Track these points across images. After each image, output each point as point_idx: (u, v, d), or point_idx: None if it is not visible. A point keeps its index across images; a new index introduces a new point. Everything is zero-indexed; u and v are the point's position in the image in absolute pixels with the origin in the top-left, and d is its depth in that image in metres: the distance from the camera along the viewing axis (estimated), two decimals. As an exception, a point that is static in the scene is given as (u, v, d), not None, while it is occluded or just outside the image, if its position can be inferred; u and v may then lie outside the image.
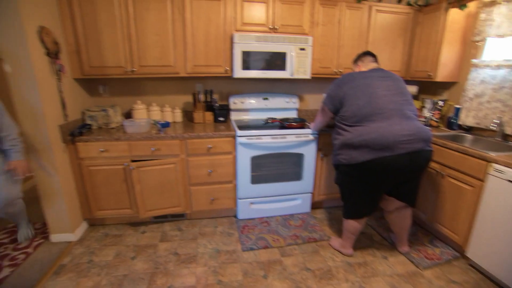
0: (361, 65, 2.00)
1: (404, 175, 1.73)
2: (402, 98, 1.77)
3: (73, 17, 2.11)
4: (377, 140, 1.64)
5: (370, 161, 1.67)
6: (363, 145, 1.68)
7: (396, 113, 1.70)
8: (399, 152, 1.64)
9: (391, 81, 1.82)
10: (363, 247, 2.19)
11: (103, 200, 2.27)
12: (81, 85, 2.41)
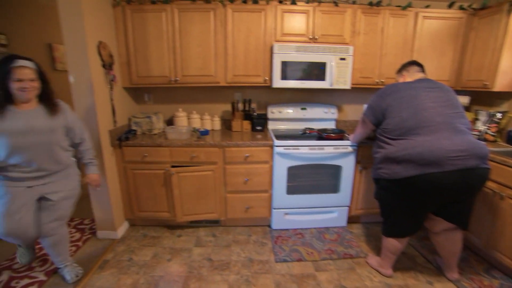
0: (406, 75, 1.89)
1: (454, 194, 1.59)
2: (452, 110, 1.64)
3: (126, 31, 2.30)
4: (423, 154, 1.53)
5: (414, 177, 1.56)
6: (407, 160, 1.57)
7: (445, 127, 1.57)
8: (449, 168, 1.50)
9: (440, 92, 1.69)
10: (404, 268, 2.03)
11: (143, 202, 2.40)
12: (128, 93, 2.60)
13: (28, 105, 1.54)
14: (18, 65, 1.44)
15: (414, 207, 1.69)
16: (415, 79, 1.81)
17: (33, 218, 1.64)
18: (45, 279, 1.87)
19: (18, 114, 1.50)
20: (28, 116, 1.52)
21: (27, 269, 1.96)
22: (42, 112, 1.57)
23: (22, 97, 1.48)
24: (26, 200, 1.60)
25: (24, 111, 1.52)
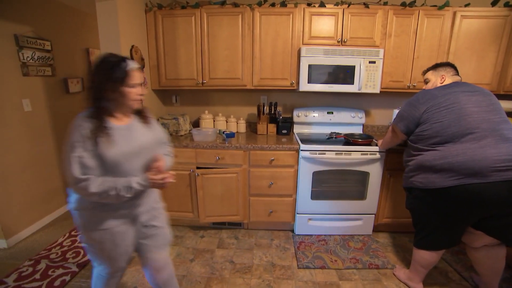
0: (445, 76, 1.75)
1: (498, 207, 1.47)
2: (497, 115, 1.52)
3: (157, 36, 2.37)
4: (466, 164, 1.43)
5: (453, 187, 1.46)
6: (446, 169, 1.48)
7: (491, 134, 1.46)
8: (494, 179, 1.39)
9: (481, 96, 1.58)
10: (436, 283, 1.92)
11: (168, 202, 2.44)
12: (157, 95, 2.68)
13: (127, 118, 1.24)
14: (133, 67, 1.15)
15: (450, 220, 1.58)
16: (451, 82, 1.70)
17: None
18: (76, 270, 1.97)
19: (123, 131, 1.18)
20: (134, 131, 1.22)
21: (62, 259, 2.08)
22: (140, 125, 1.27)
23: (134, 106, 1.21)
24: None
25: (125, 126, 1.20)
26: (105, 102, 1.15)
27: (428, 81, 1.82)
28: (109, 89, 1.12)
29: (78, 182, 1.08)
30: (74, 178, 1.07)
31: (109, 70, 1.11)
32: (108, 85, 1.11)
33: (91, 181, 1.08)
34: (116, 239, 1.24)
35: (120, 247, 1.27)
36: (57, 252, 2.18)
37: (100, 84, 1.11)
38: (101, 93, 1.12)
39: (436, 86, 1.75)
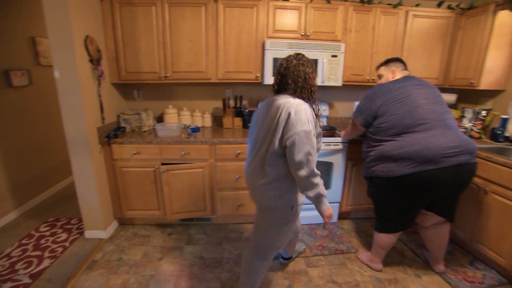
0: (396, 71, 1.88)
1: (447, 189, 1.62)
2: (441, 106, 1.68)
3: (115, 26, 2.23)
4: (421, 152, 1.55)
5: (411, 174, 1.58)
6: (404, 157, 1.59)
7: (438, 123, 1.61)
8: (444, 165, 1.54)
9: (428, 89, 1.73)
10: (393, 262, 2.07)
11: (133, 200, 2.35)
12: (117, 89, 2.54)
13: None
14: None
15: (409, 204, 1.72)
16: (402, 77, 1.82)
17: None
18: (30, 281, 1.82)
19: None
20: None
21: (11, 272, 1.90)
22: None
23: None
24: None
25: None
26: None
27: (382, 76, 1.93)
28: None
29: (316, 176, 1.29)
30: (313, 171, 1.27)
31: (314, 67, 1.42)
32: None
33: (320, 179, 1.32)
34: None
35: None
36: (4, 265, 1.97)
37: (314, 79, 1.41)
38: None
39: (388, 80, 1.86)
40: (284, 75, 1.39)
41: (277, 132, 1.30)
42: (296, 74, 1.36)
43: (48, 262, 1.99)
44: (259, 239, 1.53)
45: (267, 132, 1.35)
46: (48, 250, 2.13)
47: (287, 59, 1.41)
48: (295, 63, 1.38)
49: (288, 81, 1.37)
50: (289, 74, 1.37)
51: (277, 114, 1.31)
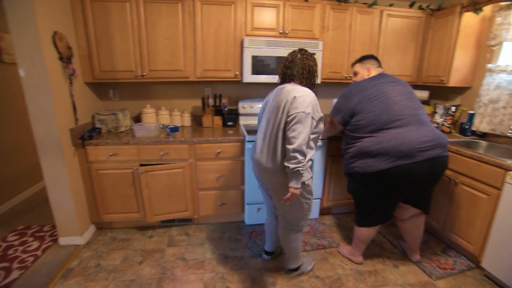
0: (371, 68, 1.92)
1: (423, 182, 1.69)
2: (414, 102, 1.74)
3: (86, 22, 2.13)
4: (398, 147, 1.61)
5: (389, 169, 1.63)
6: (382, 153, 1.64)
7: (413, 119, 1.67)
8: (419, 159, 1.60)
9: (401, 85, 1.79)
10: (373, 255, 2.14)
11: (111, 203, 2.27)
12: (91, 89, 2.43)
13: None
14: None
15: (387, 198, 1.77)
16: (376, 74, 1.87)
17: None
18: None
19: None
20: None
21: None
22: None
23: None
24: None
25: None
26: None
27: (357, 73, 1.97)
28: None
29: (300, 152, 1.41)
30: (300, 148, 1.40)
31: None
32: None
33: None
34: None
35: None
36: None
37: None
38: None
39: (364, 78, 1.91)
40: (289, 67, 1.56)
41: (284, 112, 1.47)
42: (301, 67, 1.54)
43: (17, 274, 1.87)
44: (287, 218, 1.70)
45: (275, 113, 1.52)
46: (17, 260, 2.01)
47: (292, 54, 1.59)
48: (299, 57, 1.55)
49: (294, 73, 1.54)
50: (294, 67, 1.54)
51: (285, 97, 1.49)
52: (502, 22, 2.22)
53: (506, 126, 2.19)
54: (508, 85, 2.17)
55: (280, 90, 1.56)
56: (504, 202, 1.73)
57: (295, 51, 1.59)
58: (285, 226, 1.74)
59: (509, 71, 2.16)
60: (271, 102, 1.59)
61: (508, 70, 2.17)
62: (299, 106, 1.42)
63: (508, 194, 1.71)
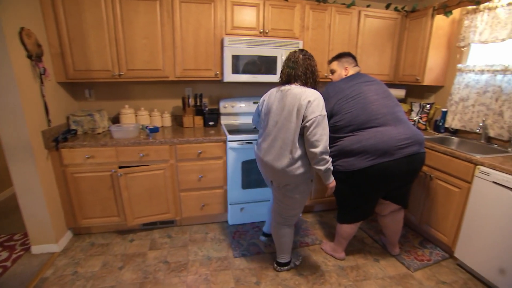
0: (348, 68, 1.94)
1: (402, 179, 1.74)
2: (391, 101, 1.79)
3: (57, 18, 2.03)
4: (377, 145, 1.64)
5: (370, 167, 1.67)
6: (362, 151, 1.68)
7: (390, 117, 1.71)
8: (398, 156, 1.65)
9: (377, 85, 1.83)
10: (355, 250, 2.19)
11: (89, 208, 2.19)
12: (65, 89, 2.33)
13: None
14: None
15: (369, 195, 1.81)
16: (353, 74, 1.90)
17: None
18: None
19: None
20: None
21: None
22: None
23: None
24: None
25: None
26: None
27: (334, 72, 1.99)
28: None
29: (328, 153, 1.57)
30: (326, 149, 1.54)
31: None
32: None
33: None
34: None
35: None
36: None
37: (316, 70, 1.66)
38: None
39: (341, 77, 1.93)
40: (293, 68, 1.61)
41: (300, 116, 1.52)
42: (305, 67, 1.60)
43: (-15, 287, 1.76)
44: (284, 213, 1.78)
45: (288, 117, 1.55)
46: (-16, 273, 1.88)
47: (294, 54, 1.64)
48: (302, 57, 1.61)
49: (298, 73, 1.60)
50: (298, 67, 1.60)
51: (297, 101, 1.53)
52: (469, 25, 2.33)
53: (475, 123, 2.30)
54: (476, 84, 2.28)
55: (286, 92, 1.59)
56: (474, 194, 1.82)
57: (296, 52, 1.64)
58: (280, 221, 1.82)
59: (476, 71, 2.28)
60: (277, 104, 1.62)
61: (475, 70, 2.29)
62: (315, 110, 1.49)
63: (477, 187, 1.80)
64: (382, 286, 1.84)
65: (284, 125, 1.57)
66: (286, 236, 1.85)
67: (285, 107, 1.57)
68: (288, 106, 1.55)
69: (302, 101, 1.51)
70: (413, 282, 1.88)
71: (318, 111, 1.49)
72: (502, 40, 2.09)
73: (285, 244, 1.88)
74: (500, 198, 1.68)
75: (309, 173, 1.65)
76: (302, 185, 1.67)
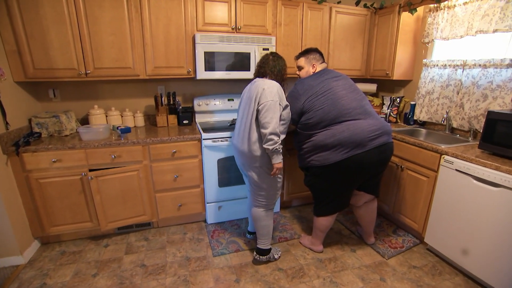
0: (316, 65, 1.95)
1: (374, 168, 1.80)
2: (358, 94, 1.84)
3: (10, 12, 1.87)
4: (350, 138, 1.69)
5: (345, 160, 1.70)
6: (336, 145, 1.71)
7: (360, 111, 1.76)
8: (370, 147, 1.70)
9: (344, 80, 1.87)
10: (333, 242, 2.24)
11: (57, 214, 2.07)
12: (25, 89, 2.18)
13: None
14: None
15: (344, 187, 1.85)
16: (320, 70, 1.93)
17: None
18: None
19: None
20: None
21: None
22: None
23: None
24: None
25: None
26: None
27: (302, 68, 2.00)
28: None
29: (275, 134, 1.69)
30: (275, 130, 1.67)
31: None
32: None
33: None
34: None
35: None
36: None
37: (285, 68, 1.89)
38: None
39: (309, 74, 1.96)
40: (262, 67, 1.84)
41: (256, 101, 1.71)
42: (273, 65, 1.82)
43: None
44: (260, 197, 1.89)
45: (249, 103, 1.75)
46: None
47: (265, 57, 1.86)
48: (271, 58, 1.83)
49: (266, 70, 1.82)
50: (266, 66, 1.82)
51: (256, 89, 1.73)
52: (432, 22, 2.45)
53: (440, 115, 2.43)
54: (440, 78, 2.40)
55: (252, 83, 1.81)
56: (440, 182, 1.93)
57: (267, 55, 1.86)
58: (256, 205, 1.92)
59: (440, 65, 2.40)
60: (246, 94, 1.82)
61: (439, 64, 2.40)
62: (267, 95, 1.67)
63: (443, 175, 1.90)
64: (358, 275, 1.90)
65: (245, 111, 1.77)
66: (263, 219, 1.91)
67: (250, 95, 1.76)
68: (251, 95, 1.75)
69: (259, 88, 1.71)
70: (388, 269, 1.95)
71: (270, 97, 1.66)
72: (461, 36, 2.21)
73: (264, 228, 1.93)
74: (462, 184, 1.78)
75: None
76: (266, 167, 1.79)
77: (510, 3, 1.88)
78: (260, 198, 1.88)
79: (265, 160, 1.77)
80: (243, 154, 1.80)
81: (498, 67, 1.99)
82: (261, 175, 1.81)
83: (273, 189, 1.88)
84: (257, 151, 1.74)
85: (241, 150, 1.80)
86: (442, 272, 1.93)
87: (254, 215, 1.92)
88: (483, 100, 2.08)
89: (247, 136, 1.75)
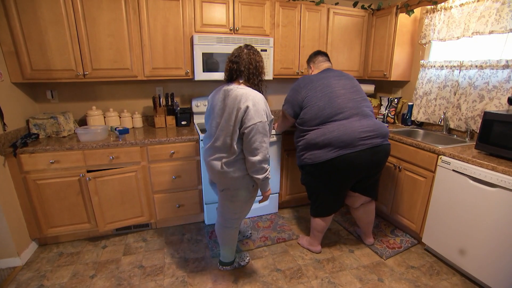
0: (313, 67, 2.03)
1: (366, 170, 1.80)
2: (359, 96, 1.85)
3: (8, 12, 1.87)
4: (340, 138, 1.69)
5: (333, 159, 1.71)
6: (327, 144, 1.72)
7: (355, 112, 1.77)
8: (361, 148, 1.70)
9: (346, 79, 1.89)
10: (331, 243, 2.25)
11: (55, 216, 2.07)
12: (23, 90, 2.18)
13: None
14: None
15: (335, 186, 1.85)
16: (323, 69, 1.96)
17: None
18: None
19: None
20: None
21: None
22: None
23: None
24: None
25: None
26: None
27: (309, 69, 2.09)
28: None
29: (267, 162, 1.54)
30: (265, 157, 1.51)
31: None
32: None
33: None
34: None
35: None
36: None
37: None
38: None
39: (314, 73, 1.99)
40: (235, 62, 1.53)
41: (237, 121, 1.46)
42: (248, 61, 1.52)
43: None
44: (225, 214, 1.74)
45: (228, 119, 1.49)
46: None
47: (238, 49, 1.56)
48: (246, 51, 1.54)
49: (241, 68, 1.52)
50: (241, 61, 1.52)
51: (236, 105, 1.46)
52: (429, 23, 2.46)
53: (437, 116, 2.44)
54: (437, 79, 2.42)
55: (228, 92, 1.52)
56: (438, 183, 1.93)
57: (241, 47, 1.57)
58: (222, 223, 1.79)
59: (437, 66, 2.41)
60: (219, 104, 1.54)
61: (436, 65, 2.42)
62: (254, 117, 1.43)
63: (440, 175, 1.91)
64: (356, 275, 1.90)
65: (224, 127, 1.51)
66: (228, 237, 1.81)
67: (226, 108, 1.50)
68: (229, 108, 1.49)
69: (242, 105, 1.45)
70: (385, 269, 1.96)
71: (257, 118, 1.43)
72: (457, 38, 2.23)
73: (227, 245, 1.85)
74: (459, 184, 1.79)
75: (249, 179, 1.59)
76: (242, 191, 1.61)
77: (505, 5, 1.90)
78: (229, 219, 1.75)
79: (242, 184, 1.58)
80: (216, 173, 1.58)
81: (494, 68, 2.00)
82: (235, 199, 1.64)
83: (243, 213, 1.76)
84: (235, 173, 1.54)
85: (214, 168, 1.57)
86: (439, 272, 1.94)
87: (221, 233, 1.82)
88: (479, 100, 2.10)
89: (225, 156, 1.53)
